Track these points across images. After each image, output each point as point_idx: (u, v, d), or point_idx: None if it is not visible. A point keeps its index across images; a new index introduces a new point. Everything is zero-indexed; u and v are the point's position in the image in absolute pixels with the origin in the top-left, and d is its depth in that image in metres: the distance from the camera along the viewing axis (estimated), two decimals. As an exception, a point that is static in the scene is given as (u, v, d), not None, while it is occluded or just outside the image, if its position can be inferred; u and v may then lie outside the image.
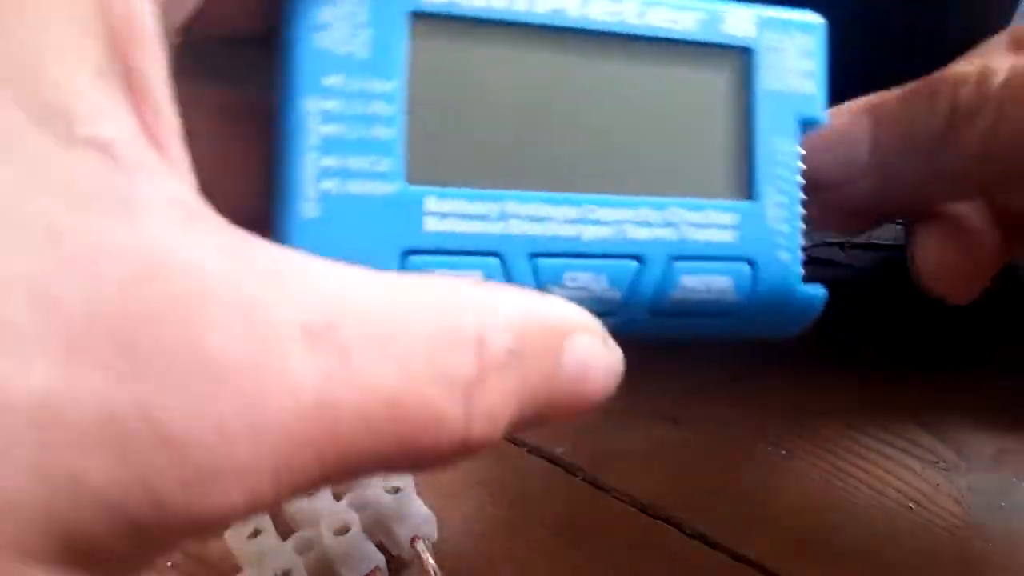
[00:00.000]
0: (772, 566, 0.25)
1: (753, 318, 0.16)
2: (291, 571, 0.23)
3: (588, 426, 0.30)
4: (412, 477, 0.25)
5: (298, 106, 0.14)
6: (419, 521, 0.25)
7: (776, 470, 0.28)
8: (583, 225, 0.15)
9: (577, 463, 0.28)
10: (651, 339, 0.16)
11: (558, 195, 0.15)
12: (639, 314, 0.16)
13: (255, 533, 0.24)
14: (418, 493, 0.26)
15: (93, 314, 0.09)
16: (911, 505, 0.27)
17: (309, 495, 0.12)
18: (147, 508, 0.10)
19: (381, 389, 0.11)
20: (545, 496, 0.27)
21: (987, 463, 0.28)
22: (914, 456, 0.29)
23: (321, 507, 0.25)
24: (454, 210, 0.15)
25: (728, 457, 0.29)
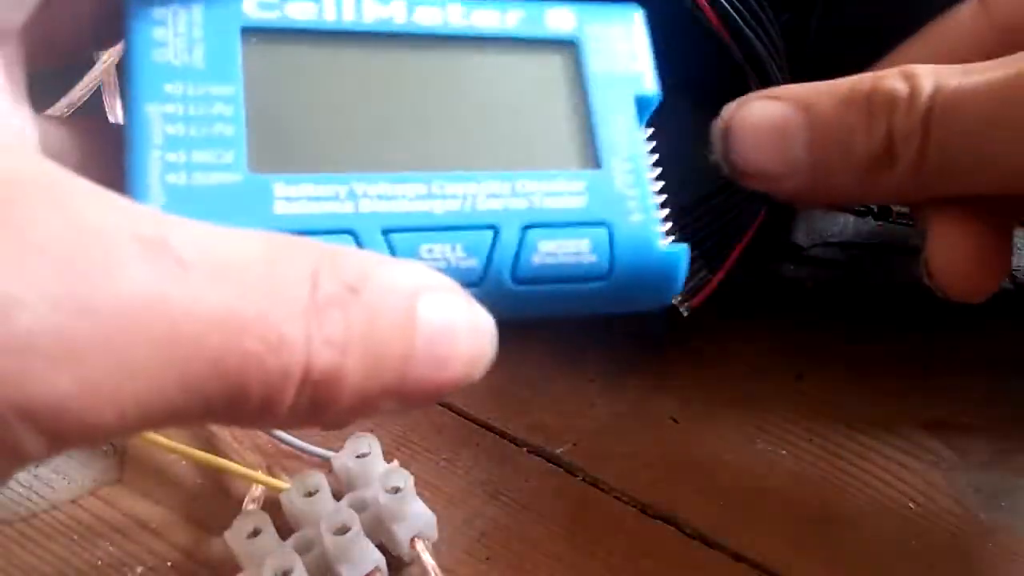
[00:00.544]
0: (772, 566, 0.25)
1: (620, 281, 0.17)
2: (291, 571, 0.23)
3: (588, 426, 0.30)
4: (412, 477, 0.25)
5: (141, 110, 0.15)
6: (419, 521, 0.25)
7: (776, 470, 0.28)
8: (433, 200, 0.16)
9: (577, 463, 0.28)
10: (529, 315, 0.17)
11: (406, 174, 0.16)
12: (503, 283, 0.17)
13: (255, 533, 0.24)
14: (418, 493, 0.26)
15: None
16: (911, 505, 0.27)
17: (165, 423, 0.11)
18: None
19: (218, 301, 0.11)
20: (545, 496, 0.27)
21: (987, 463, 0.28)
22: (914, 456, 0.29)
23: (321, 507, 0.25)
24: (303, 194, 0.16)
25: (727, 457, 0.29)
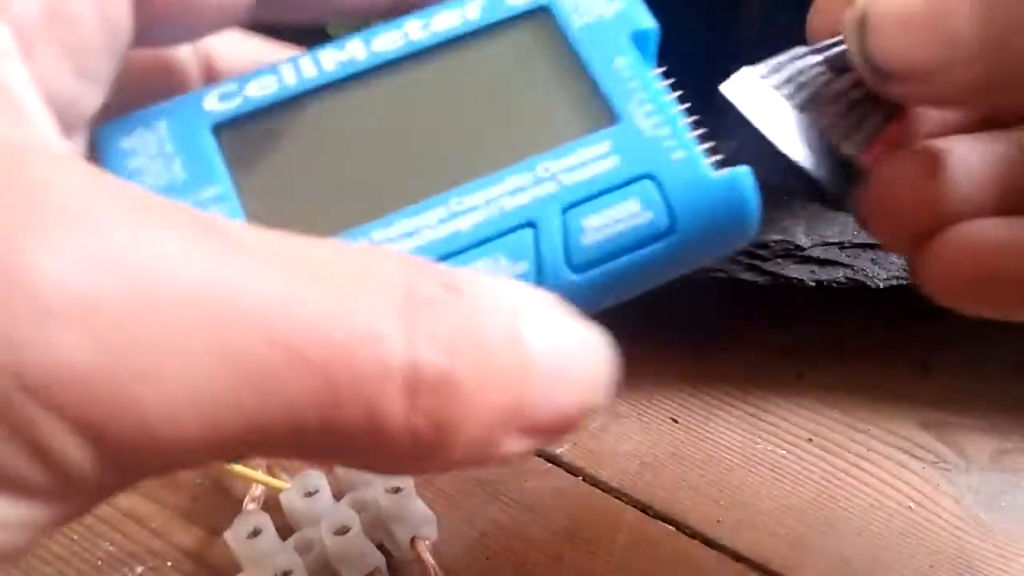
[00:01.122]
0: (772, 566, 0.25)
1: (687, 230, 0.15)
2: (291, 571, 0.23)
3: (588, 426, 0.30)
4: (412, 478, 0.25)
5: None
6: (419, 521, 0.25)
7: (776, 470, 0.28)
8: (457, 219, 0.15)
9: (577, 463, 0.28)
10: (607, 301, 0.16)
11: (420, 204, 0.15)
12: (563, 276, 0.15)
13: (255, 533, 0.24)
14: (418, 493, 0.26)
15: None
16: (911, 505, 0.27)
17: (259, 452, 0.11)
18: None
19: (288, 289, 0.11)
20: (546, 496, 0.27)
21: (987, 463, 0.28)
22: (914, 456, 0.29)
23: (321, 507, 0.25)
24: None
25: (728, 457, 0.29)
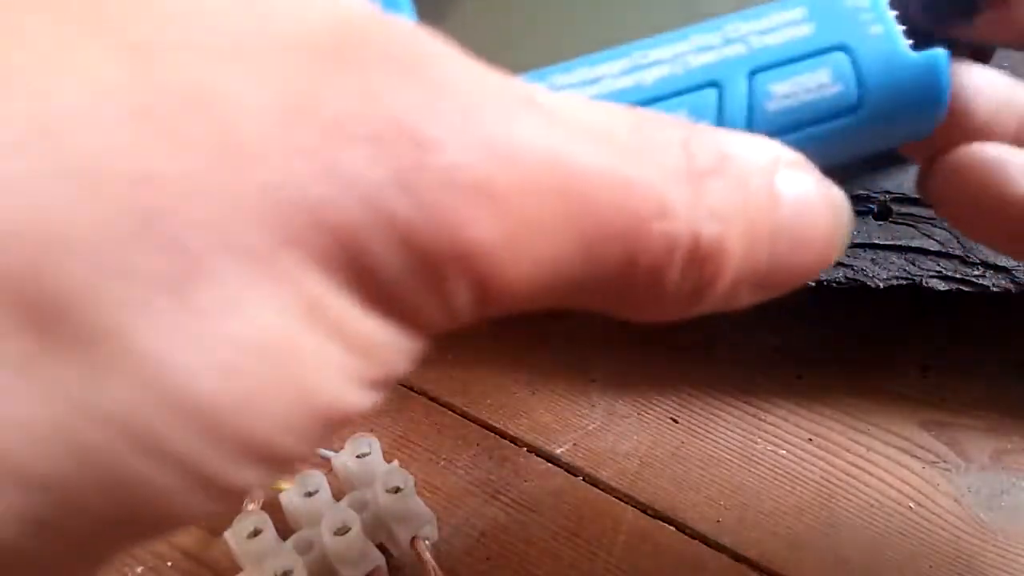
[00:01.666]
0: (772, 566, 0.25)
1: (875, 108, 0.15)
2: (291, 571, 0.23)
3: (588, 426, 0.30)
4: (412, 477, 0.25)
5: None
6: (419, 521, 0.25)
7: (776, 470, 0.28)
8: (640, 72, 0.14)
9: (577, 463, 0.28)
10: None
11: (601, 54, 0.15)
12: None
13: (255, 533, 0.24)
14: (418, 493, 0.26)
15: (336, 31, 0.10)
16: (911, 505, 0.27)
17: (544, 286, 0.11)
18: (407, 209, 0.09)
19: (602, 160, 0.10)
20: (545, 496, 0.27)
21: (987, 463, 0.28)
22: (914, 456, 0.29)
23: (321, 507, 0.25)
24: None
25: (728, 457, 0.29)
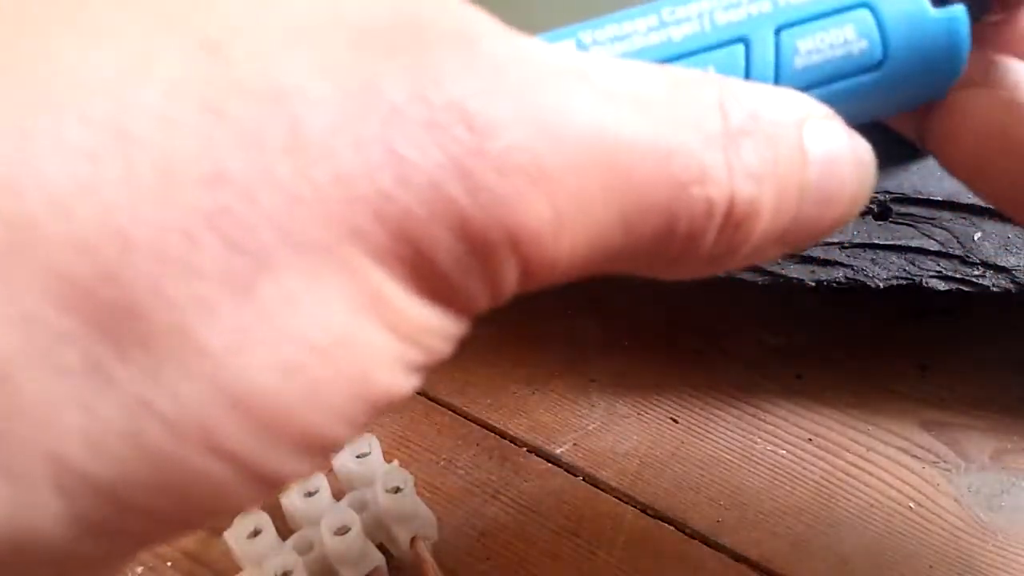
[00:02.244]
0: (772, 566, 0.25)
1: (896, 66, 0.15)
2: (291, 571, 0.23)
3: (588, 426, 0.30)
4: (412, 477, 0.25)
5: None
6: (419, 521, 0.25)
7: (776, 470, 0.28)
8: (668, 28, 0.15)
9: (577, 463, 0.28)
10: None
11: (629, 11, 0.15)
12: None
13: (255, 533, 0.24)
14: (418, 493, 0.26)
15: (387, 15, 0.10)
16: (911, 505, 0.27)
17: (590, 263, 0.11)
18: (464, 196, 0.09)
19: (645, 130, 0.11)
20: (545, 496, 0.27)
21: (987, 463, 0.28)
22: (914, 456, 0.29)
23: (321, 507, 0.25)
24: None
25: (728, 457, 0.29)
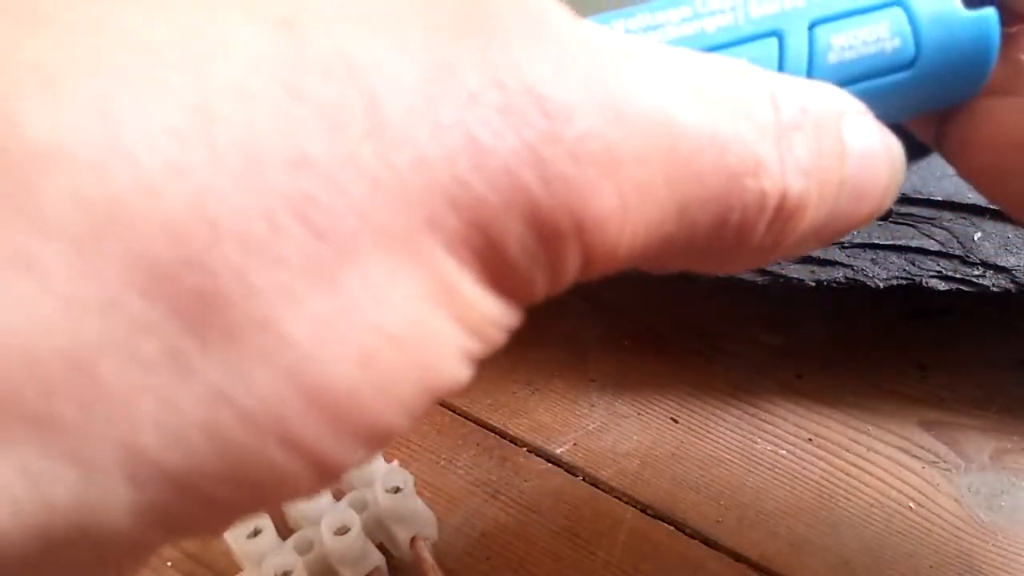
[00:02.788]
0: (772, 566, 0.25)
1: (928, 66, 0.16)
2: (291, 571, 0.23)
3: (588, 426, 0.30)
4: (412, 477, 0.25)
5: None
6: (419, 521, 0.25)
7: (776, 470, 0.28)
8: (701, 20, 0.15)
9: (577, 463, 0.28)
10: None
11: (662, 1, 0.15)
12: None
13: (255, 533, 0.24)
14: (418, 493, 0.26)
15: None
16: (911, 505, 0.27)
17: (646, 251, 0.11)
18: (537, 184, 0.09)
19: (704, 119, 0.11)
20: (545, 496, 0.27)
21: (987, 463, 0.28)
22: (914, 456, 0.29)
23: (321, 507, 0.25)
24: None
25: (728, 457, 0.29)
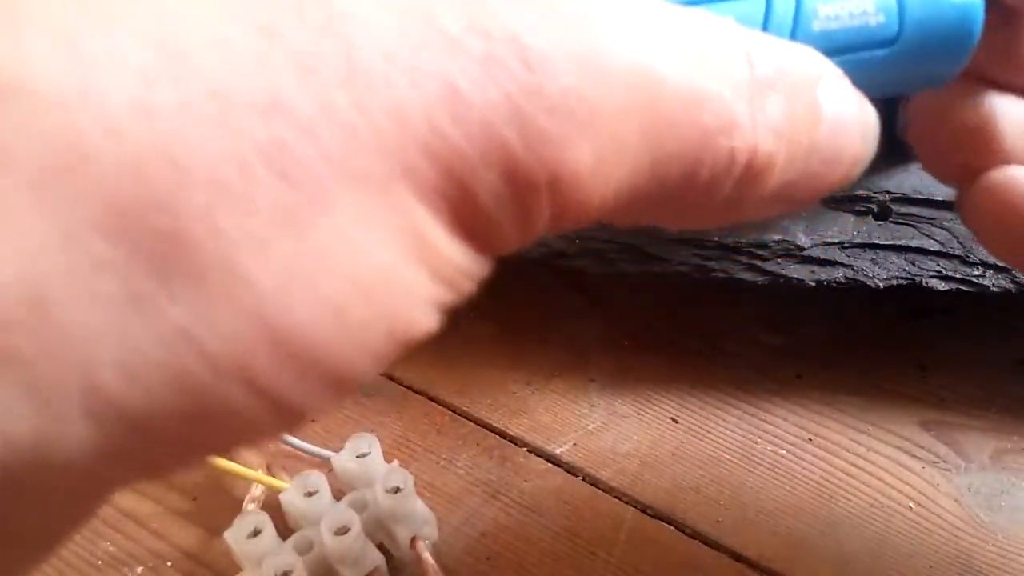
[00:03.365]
0: (772, 566, 0.25)
1: (909, 44, 0.16)
2: (291, 571, 0.23)
3: (588, 426, 0.30)
4: (412, 477, 0.25)
5: None
6: (419, 521, 0.25)
7: (776, 470, 0.28)
8: None
9: (577, 463, 0.28)
10: None
11: None
12: None
13: (255, 533, 0.24)
14: (418, 493, 0.26)
15: None
16: (911, 505, 0.27)
17: (620, 206, 0.11)
18: (514, 136, 0.09)
19: (683, 75, 0.11)
20: (545, 496, 0.27)
21: (987, 463, 0.28)
22: (914, 456, 0.29)
23: (321, 507, 0.25)
24: None
25: (728, 457, 0.29)
